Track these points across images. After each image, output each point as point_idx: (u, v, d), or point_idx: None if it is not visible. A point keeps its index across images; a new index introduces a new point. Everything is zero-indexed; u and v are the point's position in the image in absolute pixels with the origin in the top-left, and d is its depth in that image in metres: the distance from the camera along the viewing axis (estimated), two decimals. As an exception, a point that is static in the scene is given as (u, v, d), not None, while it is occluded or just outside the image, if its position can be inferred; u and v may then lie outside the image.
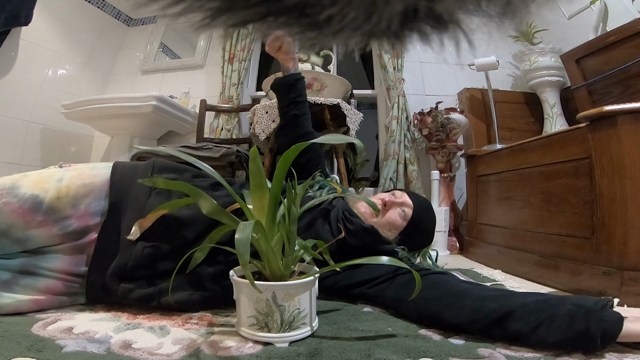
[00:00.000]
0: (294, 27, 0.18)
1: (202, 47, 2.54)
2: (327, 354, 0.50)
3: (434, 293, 0.65)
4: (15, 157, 2.03)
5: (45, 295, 0.64)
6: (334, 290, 0.79)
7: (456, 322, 0.60)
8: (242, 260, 0.44)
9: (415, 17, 0.17)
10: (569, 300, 0.56)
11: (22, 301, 0.62)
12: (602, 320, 0.51)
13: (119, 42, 2.65)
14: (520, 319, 0.55)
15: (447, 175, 1.95)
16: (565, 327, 0.52)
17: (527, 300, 0.57)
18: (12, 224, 0.63)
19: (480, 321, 0.58)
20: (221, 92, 2.29)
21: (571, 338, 0.52)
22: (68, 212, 0.67)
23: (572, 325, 0.52)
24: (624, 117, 0.88)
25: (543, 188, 1.16)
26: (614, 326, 0.51)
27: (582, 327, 0.51)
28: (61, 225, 0.66)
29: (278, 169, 0.56)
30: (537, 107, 2.03)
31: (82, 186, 0.70)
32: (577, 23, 1.90)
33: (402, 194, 0.91)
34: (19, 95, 2.03)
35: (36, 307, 0.64)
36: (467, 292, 0.63)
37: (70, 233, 0.66)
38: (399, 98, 2.08)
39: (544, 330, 0.53)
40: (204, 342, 0.54)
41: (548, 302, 0.56)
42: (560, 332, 0.52)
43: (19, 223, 0.63)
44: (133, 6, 2.37)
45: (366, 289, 0.76)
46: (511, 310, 0.56)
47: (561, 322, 0.53)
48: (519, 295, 0.61)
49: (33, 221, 0.64)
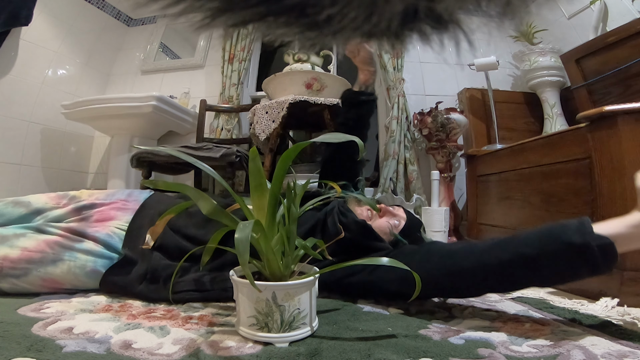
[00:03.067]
0: (294, 27, 0.18)
1: (202, 47, 2.54)
2: (327, 354, 0.50)
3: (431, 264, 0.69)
4: (15, 157, 2.03)
5: (37, 246, 0.75)
6: (332, 283, 0.78)
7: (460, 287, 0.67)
8: (241, 259, 0.44)
9: (415, 17, 0.17)
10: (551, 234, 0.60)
11: (14, 248, 0.74)
12: (589, 233, 0.56)
13: (119, 42, 2.65)
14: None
15: (447, 175, 1.95)
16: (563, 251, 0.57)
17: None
18: (47, 204, 0.87)
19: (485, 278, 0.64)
20: (221, 92, 2.29)
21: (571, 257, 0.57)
22: (84, 198, 0.91)
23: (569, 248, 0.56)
24: (624, 117, 0.88)
25: (543, 188, 1.16)
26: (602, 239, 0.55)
27: (577, 240, 0.56)
28: (76, 204, 0.87)
29: (278, 169, 0.56)
30: (537, 107, 2.03)
31: (98, 191, 0.96)
32: (577, 23, 1.90)
33: (400, 209, 0.94)
34: (19, 95, 2.03)
35: (25, 258, 0.73)
36: (460, 253, 0.68)
37: (81, 207, 0.87)
38: (399, 98, 2.08)
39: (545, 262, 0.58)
40: (204, 342, 0.54)
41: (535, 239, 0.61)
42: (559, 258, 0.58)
43: (51, 204, 0.88)
44: (133, 6, 2.37)
45: (366, 276, 0.76)
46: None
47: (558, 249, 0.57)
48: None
49: (60, 203, 0.88)
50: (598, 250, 0.55)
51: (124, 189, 1.02)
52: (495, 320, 0.66)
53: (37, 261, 0.74)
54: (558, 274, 0.60)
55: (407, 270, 0.55)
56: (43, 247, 0.75)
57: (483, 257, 0.63)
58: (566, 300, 0.84)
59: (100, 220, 0.84)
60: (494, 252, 0.63)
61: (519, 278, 0.63)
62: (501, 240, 0.64)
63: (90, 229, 0.80)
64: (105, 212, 0.86)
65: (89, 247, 0.77)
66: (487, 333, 0.59)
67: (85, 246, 0.77)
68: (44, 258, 0.74)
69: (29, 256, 0.73)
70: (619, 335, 0.59)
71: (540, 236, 0.60)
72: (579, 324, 0.65)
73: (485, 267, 0.63)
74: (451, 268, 0.66)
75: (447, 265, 0.66)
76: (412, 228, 0.90)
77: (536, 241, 0.60)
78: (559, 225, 0.60)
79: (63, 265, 0.75)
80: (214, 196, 1.14)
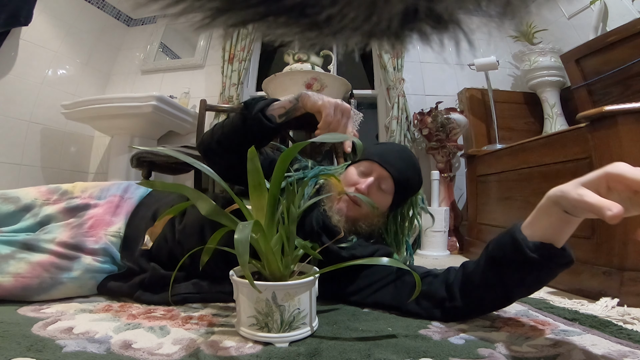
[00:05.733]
0: (294, 27, 0.18)
1: (202, 47, 2.54)
2: (327, 354, 0.50)
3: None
4: (15, 157, 2.03)
5: (32, 271, 0.68)
6: (328, 296, 0.77)
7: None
8: (241, 260, 0.44)
9: (415, 17, 0.17)
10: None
11: (6, 275, 0.67)
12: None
13: (119, 42, 2.65)
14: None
15: (447, 175, 1.95)
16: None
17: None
18: (36, 200, 0.82)
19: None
20: (221, 92, 2.29)
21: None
22: (77, 194, 0.86)
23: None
24: (624, 117, 0.88)
25: (543, 188, 1.14)
26: None
27: (518, 258, 0.55)
28: (68, 202, 0.83)
29: (276, 169, 0.56)
30: (537, 107, 2.03)
31: (92, 184, 0.91)
32: (577, 23, 1.90)
33: (370, 165, 0.78)
34: (19, 95, 2.03)
35: (20, 285, 0.67)
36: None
37: (73, 208, 0.82)
38: (399, 98, 2.08)
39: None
40: (204, 342, 0.54)
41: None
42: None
43: (41, 199, 0.83)
44: (133, 6, 2.37)
45: (365, 298, 0.74)
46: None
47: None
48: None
49: (50, 199, 0.83)
50: (542, 257, 0.53)
51: (120, 182, 0.94)
52: (495, 320, 0.66)
53: (35, 288, 0.68)
54: (528, 288, 0.61)
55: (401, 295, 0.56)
56: (39, 271, 0.68)
57: (464, 297, 0.64)
58: (566, 300, 0.84)
59: (96, 227, 0.78)
60: (467, 290, 0.64)
61: (499, 303, 0.65)
62: (467, 276, 0.64)
63: (86, 241, 0.75)
64: (99, 218, 0.80)
65: (87, 264, 0.73)
66: (487, 333, 0.59)
67: (84, 263, 0.73)
68: (42, 283, 0.69)
69: (25, 283, 0.68)
70: (619, 335, 0.59)
71: (491, 266, 0.60)
72: (579, 324, 0.65)
73: (469, 304, 0.64)
74: (442, 307, 0.66)
75: (437, 305, 0.66)
76: (403, 174, 0.78)
77: (491, 272, 0.60)
78: (497, 246, 0.60)
79: (63, 287, 0.71)
80: (215, 194, 1.13)
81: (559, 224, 0.53)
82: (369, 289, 0.74)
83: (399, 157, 0.80)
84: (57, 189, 0.86)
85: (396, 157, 0.80)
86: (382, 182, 0.78)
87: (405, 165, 0.80)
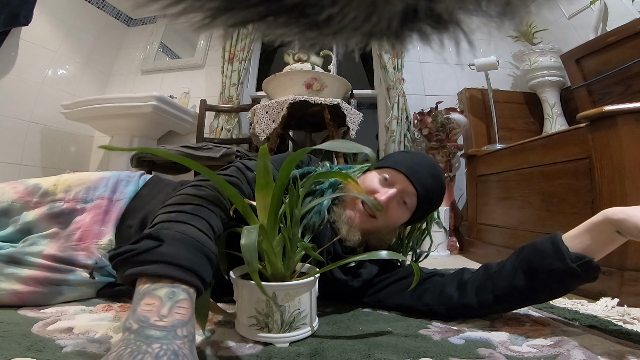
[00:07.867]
0: (294, 27, 0.18)
1: (202, 47, 2.54)
2: (328, 354, 0.50)
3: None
4: (15, 157, 2.03)
5: (27, 286, 0.66)
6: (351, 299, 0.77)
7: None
8: (251, 268, 0.43)
9: (415, 17, 0.17)
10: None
11: (1, 291, 0.64)
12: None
13: (119, 42, 2.65)
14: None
15: (447, 175, 1.95)
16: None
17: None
18: (14, 203, 0.74)
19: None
20: (221, 92, 2.29)
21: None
22: (60, 196, 0.77)
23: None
24: (624, 117, 0.88)
25: (543, 188, 1.16)
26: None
27: (558, 267, 0.57)
28: (50, 206, 0.75)
29: (282, 171, 0.55)
30: (537, 107, 2.03)
31: (77, 179, 0.81)
32: (577, 23, 1.90)
33: (396, 175, 0.71)
34: (19, 95, 2.03)
35: (17, 299, 0.65)
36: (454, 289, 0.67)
37: (57, 214, 0.74)
38: (399, 98, 2.08)
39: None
40: (204, 342, 0.54)
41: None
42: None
43: (19, 203, 0.74)
44: (133, 6, 2.37)
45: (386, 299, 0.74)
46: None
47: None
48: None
49: (30, 202, 0.75)
50: (580, 269, 0.56)
51: (109, 177, 0.83)
52: (495, 320, 0.66)
53: (34, 300, 0.67)
54: (551, 294, 0.63)
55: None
56: (34, 286, 0.66)
57: (480, 294, 0.64)
58: (566, 300, 0.84)
59: (84, 239, 0.73)
60: (487, 289, 0.64)
61: (514, 305, 0.66)
62: (490, 276, 0.65)
63: (78, 255, 0.71)
64: (87, 228, 0.74)
65: (83, 277, 0.71)
66: (487, 333, 0.59)
67: (79, 276, 0.70)
68: (40, 296, 0.67)
69: (23, 298, 0.66)
70: (619, 335, 0.59)
71: (523, 269, 0.61)
72: (579, 324, 0.66)
73: (482, 302, 0.64)
74: (449, 303, 0.66)
75: (442, 301, 0.67)
76: (428, 190, 0.72)
77: (521, 274, 0.61)
78: (535, 252, 0.61)
79: (62, 297, 0.70)
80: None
81: (607, 241, 0.56)
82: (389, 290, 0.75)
83: (429, 174, 0.72)
84: (36, 189, 0.76)
85: (426, 174, 0.72)
86: (406, 197, 0.72)
87: (434, 184, 0.73)
